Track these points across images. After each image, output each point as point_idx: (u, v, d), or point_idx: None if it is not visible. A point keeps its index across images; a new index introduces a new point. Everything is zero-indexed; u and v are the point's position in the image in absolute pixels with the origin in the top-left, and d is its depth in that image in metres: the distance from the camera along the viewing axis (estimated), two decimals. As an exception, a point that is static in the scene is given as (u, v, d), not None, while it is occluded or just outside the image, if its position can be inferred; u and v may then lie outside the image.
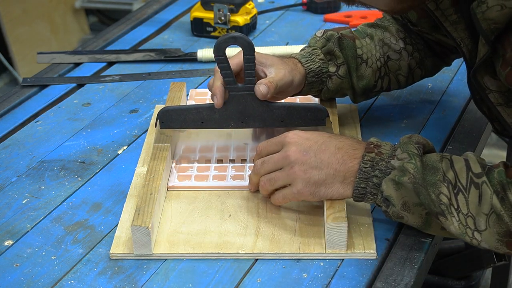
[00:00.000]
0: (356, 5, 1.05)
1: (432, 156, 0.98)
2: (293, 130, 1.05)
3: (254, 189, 1.09)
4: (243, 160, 1.17)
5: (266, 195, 1.08)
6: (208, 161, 1.17)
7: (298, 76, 1.17)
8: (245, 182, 1.11)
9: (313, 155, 1.01)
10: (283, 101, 1.20)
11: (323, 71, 1.20)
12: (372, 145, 1.01)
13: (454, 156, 0.98)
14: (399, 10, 1.05)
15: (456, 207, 0.94)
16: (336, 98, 1.27)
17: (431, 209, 0.95)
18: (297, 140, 1.02)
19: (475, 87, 1.09)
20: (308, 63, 1.19)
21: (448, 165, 0.96)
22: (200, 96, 1.34)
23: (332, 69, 1.20)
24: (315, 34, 1.23)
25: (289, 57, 1.21)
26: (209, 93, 1.25)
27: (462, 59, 1.19)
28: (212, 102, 1.14)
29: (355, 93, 1.23)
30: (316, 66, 1.19)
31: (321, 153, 1.01)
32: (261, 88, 1.11)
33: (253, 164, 1.15)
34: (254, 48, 1.08)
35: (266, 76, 1.15)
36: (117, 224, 1.06)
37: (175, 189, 1.12)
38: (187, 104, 1.32)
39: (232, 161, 1.17)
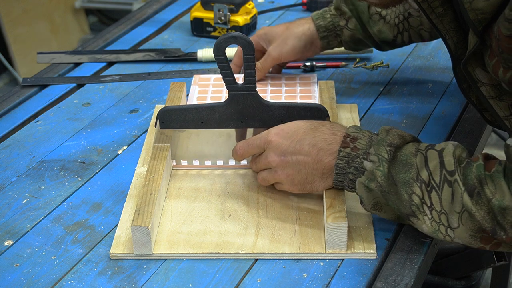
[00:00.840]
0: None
1: (407, 149, 0.98)
2: (272, 130, 1.07)
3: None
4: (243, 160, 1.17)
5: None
6: (208, 160, 1.17)
7: (304, 38, 1.33)
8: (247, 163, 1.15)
9: (290, 158, 1.05)
10: (283, 101, 1.21)
11: (335, 25, 1.33)
12: (348, 139, 1.02)
13: (430, 150, 0.97)
14: (389, 3, 1.08)
15: (429, 204, 0.95)
16: (336, 98, 1.27)
17: (401, 211, 0.97)
18: (275, 143, 1.06)
19: (464, 77, 1.10)
20: (319, 20, 1.33)
21: (422, 162, 0.96)
22: (204, 81, 1.37)
23: (342, 22, 1.33)
24: None
25: (309, 17, 1.35)
26: (212, 77, 1.35)
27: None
28: (211, 102, 1.14)
29: (375, 43, 1.34)
30: (326, 22, 1.33)
31: (297, 154, 1.04)
32: None
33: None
34: (254, 48, 1.08)
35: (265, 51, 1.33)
36: (117, 224, 1.06)
37: (179, 167, 1.16)
38: (188, 101, 1.32)
39: (232, 160, 1.17)
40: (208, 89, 1.34)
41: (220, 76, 1.18)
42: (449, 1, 1.07)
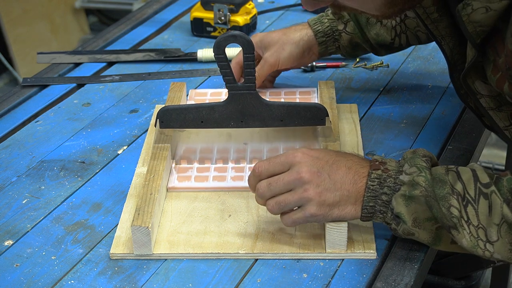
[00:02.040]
0: (346, 12, 1.08)
1: (438, 169, 0.96)
2: (300, 149, 0.99)
3: (263, 203, 1.01)
4: (243, 160, 1.17)
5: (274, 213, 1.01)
6: (208, 160, 1.17)
7: (302, 43, 1.29)
8: (245, 183, 1.09)
9: (326, 176, 0.96)
10: (282, 100, 1.21)
11: (333, 29, 1.30)
12: (377, 162, 0.97)
13: (461, 167, 0.96)
14: (390, 14, 1.02)
15: (466, 219, 0.92)
16: (336, 98, 1.27)
17: (443, 222, 0.93)
18: (307, 160, 0.97)
19: (460, 84, 1.09)
20: (316, 25, 1.31)
21: (455, 177, 0.94)
22: (200, 96, 1.34)
23: (340, 26, 1.31)
24: None
25: (305, 22, 1.32)
26: (209, 92, 1.27)
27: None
28: (211, 102, 1.14)
29: (372, 47, 1.32)
30: (324, 27, 1.30)
31: (334, 174, 0.96)
32: None
33: (251, 165, 1.15)
34: (253, 47, 1.08)
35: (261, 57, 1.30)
36: (117, 224, 1.06)
37: (175, 190, 1.12)
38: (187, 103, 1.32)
39: (232, 161, 1.17)
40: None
41: (216, 90, 1.17)
42: (444, 7, 1.07)
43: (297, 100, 1.31)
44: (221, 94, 1.32)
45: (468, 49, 1.02)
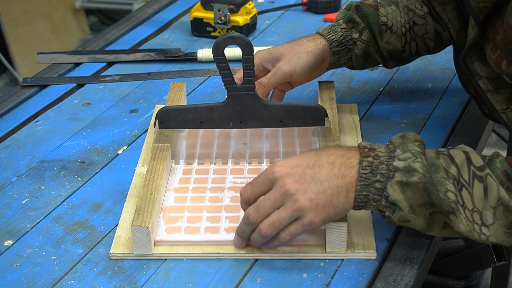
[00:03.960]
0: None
1: (429, 153, 0.95)
2: (277, 162, 0.96)
3: (244, 243, 0.99)
4: (242, 161, 1.17)
5: (262, 244, 0.97)
6: (207, 160, 1.17)
7: (317, 52, 1.23)
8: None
9: (311, 180, 0.93)
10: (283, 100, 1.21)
11: (347, 39, 1.25)
12: (367, 149, 0.95)
13: (452, 150, 0.95)
14: None
15: (461, 203, 0.91)
16: (336, 98, 1.27)
17: (442, 208, 0.91)
18: (287, 171, 0.94)
19: (463, 69, 1.09)
20: (330, 34, 1.25)
21: (448, 161, 0.93)
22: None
23: (355, 35, 1.25)
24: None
25: (315, 33, 1.27)
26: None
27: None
28: (210, 102, 1.14)
29: (383, 57, 1.27)
30: (338, 36, 1.25)
31: (317, 175, 0.94)
32: None
33: (251, 166, 1.15)
34: (253, 48, 1.08)
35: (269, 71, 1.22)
36: (117, 224, 1.06)
37: (163, 243, 1.01)
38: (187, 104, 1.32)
39: (232, 161, 1.17)
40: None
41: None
42: None
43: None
44: None
45: (470, 27, 1.02)
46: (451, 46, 1.21)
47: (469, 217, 0.91)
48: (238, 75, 1.18)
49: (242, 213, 1.03)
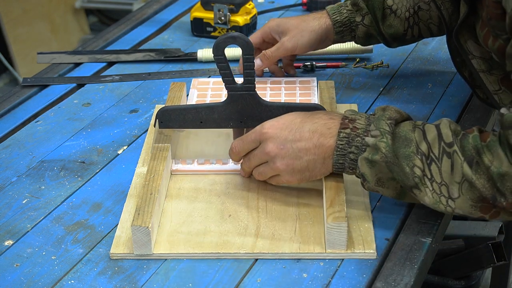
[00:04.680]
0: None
1: (405, 126, 1.00)
2: (268, 122, 1.07)
3: (248, 175, 1.13)
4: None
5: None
6: (207, 161, 1.17)
7: (320, 31, 1.33)
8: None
9: (290, 146, 1.04)
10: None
11: (351, 20, 1.34)
12: (347, 120, 1.03)
13: (427, 125, 1.00)
14: None
15: (429, 177, 0.96)
16: (336, 98, 1.28)
17: (404, 183, 0.98)
18: (272, 134, 1.05)
19: (457, 50, 1.12)
20: (335, 14, 1.34)
21: (421, 136, 0.98)
22: (203, 85, 1.36)
23: (358, 18, 1.33)
24: None
25: (323, 11, 1.36)
26: (211, 81, 1.35)
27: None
28: (211, 102, 1.14)
29: (385, 39, 1.35)
30: (343, 17, 1.33)
31: (297, 142, 1.04)
32: (256, 61, 1.31)
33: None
34: (253, 48, 1.08)
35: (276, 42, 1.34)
36: (117, 224, 1.06)
37: (179, 172, 1.15)
38: (187, 102, 1.32)
39: (231, 162, 1.17)
40: (207, 93, 1.34)
41: (219, 79, 1.18)
42: None
43: (297, 89, 1.35)
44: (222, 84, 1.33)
45: (461, 6, 1.08)
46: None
47: (437, 190, 0.97)
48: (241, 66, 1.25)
49: None
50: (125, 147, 1.25)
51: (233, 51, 1.52)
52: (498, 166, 0.92)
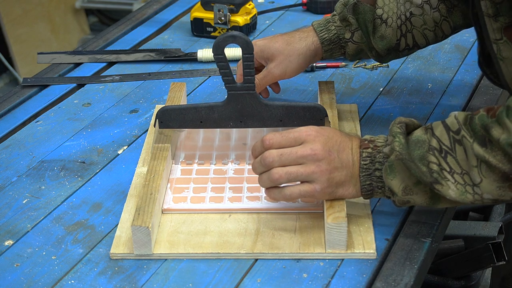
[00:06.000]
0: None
1: (417, 131, 0.99)
2: (311, 127, 1.02)
3: (260, 172, 1.04)
4: (242, 161, 1.17)
5: (266, 187, 1.03)
6: (207, 161, 1.17)
7: (309, 53, 1.24)
8: (243, 205, 1.08)
9: (336, 155, 1.00)
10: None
11: (340, 37, 1.25)
12: (367, 141, 1.02)
13: (434, 122, 0.99)
14: None
15: (448, 169, 0.95)
16: (336, 98, 1.27)
17: (424, 180, 0.96)
18: (320, 138, 1.01)
19: (472, 2, 1.09)
20: (323, 32, 1.25)
21: (430, 134, 0.97)
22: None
23: (347, 35, 1.25)
24: None
25: (310, 27, 1.27)
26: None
27: (461, 61, 1.18)
28: (210, 102, 1.14)
29: (378, 54, 1.26)
30: (331, 34, 1.25)
31: (341, 153, 1.01)
32: None
33: (251, 167, 1.15)
34: (253, 47, 1.08)
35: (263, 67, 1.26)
36: (117, 224, 1.06)
37: (170, 211, 1.08)
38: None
39: (231, 161, 1.17)
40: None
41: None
42: None
43: None
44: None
45: None
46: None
47: (460, 181, 0.95)
48: (239, 71, 1.19)
49: (244, 184, 1.12)
50: (125, 147, 1.25)
51: (233, 52, 1.52)
52: (507, 137, 0.90)
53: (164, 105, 1.20)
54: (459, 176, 0.95)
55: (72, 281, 0.97)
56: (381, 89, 1.40)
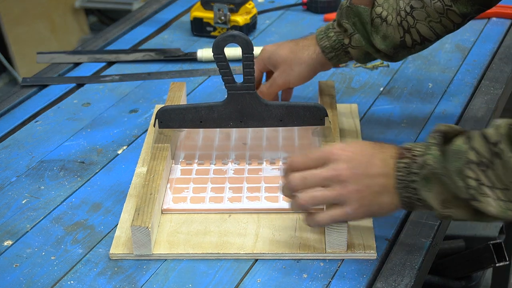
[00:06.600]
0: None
1: (458, 140, 0.91)
2: (336, 145, 0.98)
3: (289, 196, 1.00)
4: (242, 160, 1.17)
5: (297, 211, 1.02)
6: (207, 161, 1.17)
7: (311, 62, 1.22)
8: (243, 205, 1.07)
9: (363, 173, 0.94)
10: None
11: (341, 43, 1.20)
12: (404, 150, 0.94)
13: (472, 131, 0.91)
14: None
15: (489, 185, 0.87)
16: (336, 98, 1.27)
17: (460, 197, 0.89)
18: (344, 157, 0.94)
19: None
20: (323, 40, 1.21)
21: (468, 145, 0.89)
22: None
23: (346, 41, 1.20)
24: None
25: (313, 36, 1.23)
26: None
27: (461, 60, 1.16)
28: (210, 102, 1.14)
29: (385, 55, 1.20)
30: (332, 41, 1.21)
31: (371, 168, 0.94)
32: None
33: (251, 167, 1.15)
34: (252, 47, 1.07)
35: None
36: (117, 224, 1.06)
37: (170, 211, 1.07)
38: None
39: (231, 161, 1.17)
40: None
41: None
42: None
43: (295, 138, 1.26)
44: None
45: None
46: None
47: (502, 196, 0.87)
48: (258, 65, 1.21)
49: (244, 184, 1.11)
50: (125, 147, 1.25)
51: (233, 51, 1.52)
52: None
53: (164, 105, 1.19)
54: (500, 192, 0.87)
55: (72, 282, 0.97)
56: (381, 89, 1.40)
